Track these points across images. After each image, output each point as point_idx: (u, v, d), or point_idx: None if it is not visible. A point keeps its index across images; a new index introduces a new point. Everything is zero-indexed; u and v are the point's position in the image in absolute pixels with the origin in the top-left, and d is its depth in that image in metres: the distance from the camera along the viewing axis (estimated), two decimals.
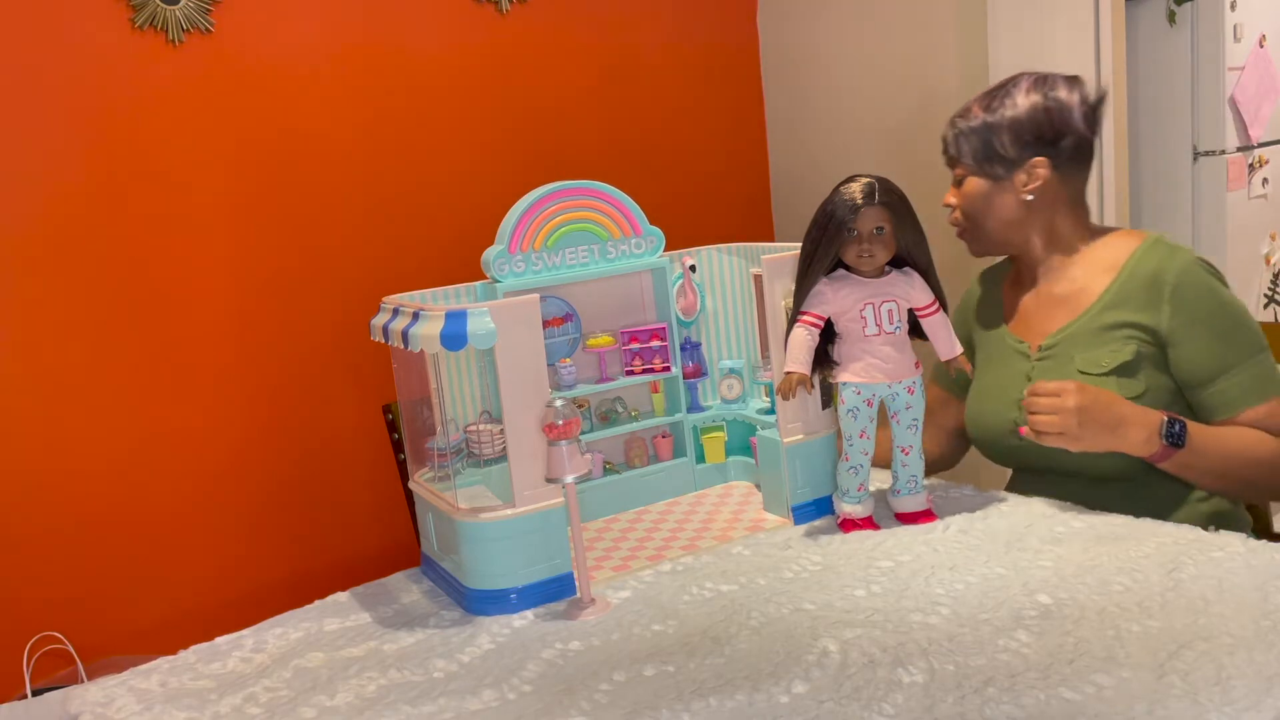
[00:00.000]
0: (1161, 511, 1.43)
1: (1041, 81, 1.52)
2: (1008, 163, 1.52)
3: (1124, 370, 1.45)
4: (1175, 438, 1.37)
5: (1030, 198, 1.53)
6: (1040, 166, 1.51)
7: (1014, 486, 1.62)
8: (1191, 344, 1.44)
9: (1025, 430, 1.40)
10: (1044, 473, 1.53)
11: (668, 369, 1.62)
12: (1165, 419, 1.38)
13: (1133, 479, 1.46)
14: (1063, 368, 1.51)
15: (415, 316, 1.29)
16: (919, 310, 1.38)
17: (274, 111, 2.14)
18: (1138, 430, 1.37)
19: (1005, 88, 1.53)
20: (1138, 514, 1.34)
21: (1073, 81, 1.52)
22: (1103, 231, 1.58)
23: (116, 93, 1.98)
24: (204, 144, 2.07)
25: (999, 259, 1.72)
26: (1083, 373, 1.47)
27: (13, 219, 1.89)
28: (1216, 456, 1.41)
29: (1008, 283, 1.68)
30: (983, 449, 1.65)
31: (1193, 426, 1.40)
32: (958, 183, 1.61)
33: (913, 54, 2.54)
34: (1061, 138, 1.50)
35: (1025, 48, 2.46)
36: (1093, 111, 1.52)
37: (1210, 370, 1.44)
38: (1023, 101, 1.50)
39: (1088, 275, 1.54)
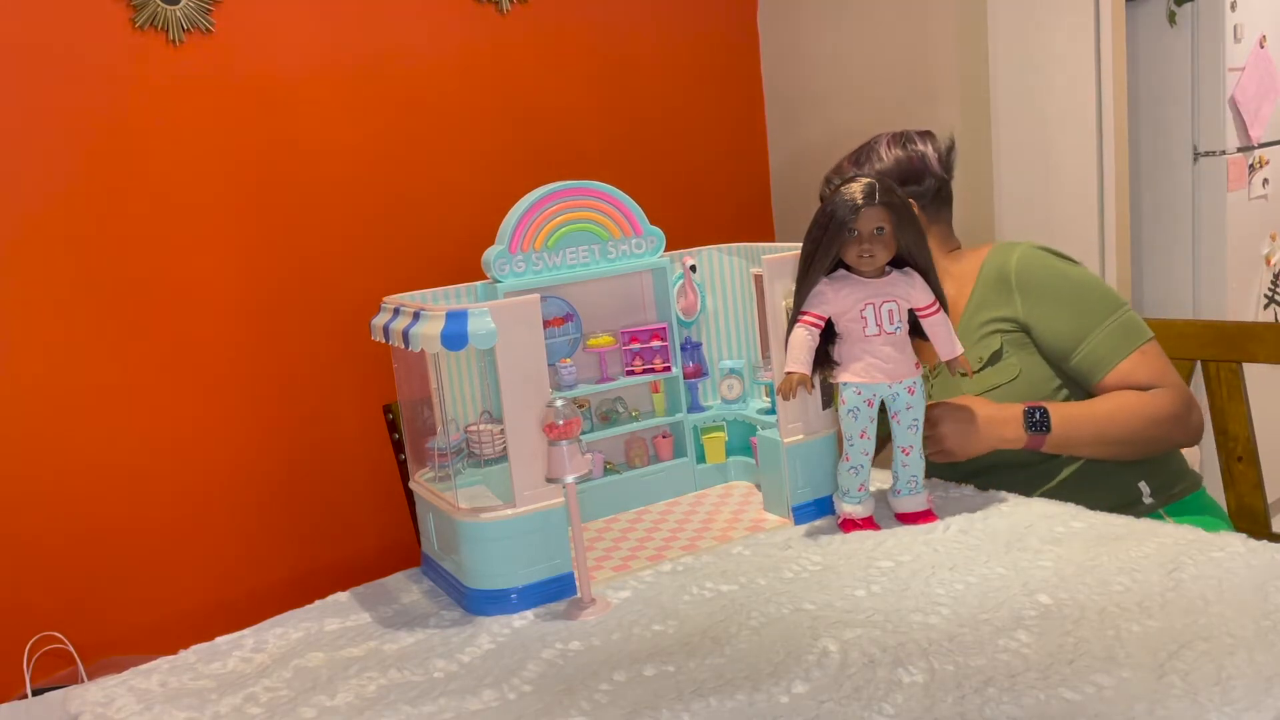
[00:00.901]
0: (1095, 484, 1.58)
1: (899, 137, 1.72)
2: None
3: (994, 359, 1.63)
4: (1037, 425, 1.53)
5: None
6: None
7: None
8: (1046, 320, 1.60)
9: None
10: (980, 474, 1.60)
11: (668, 369, 1.62)
12: (1024, 410, 1.54)
13: (1028, 462, 1.61)
14: (949, 379, 1.66)
15: (416, 316, 1.29)
16: (919, 310, 1.38)
17: (274, 112, 2.14)
18: (1005, 427, 1.53)
19: (869, 146, 1.73)
20: (1080, 490, 1.47)
21: (925, 135, 1.73)
22: (971, 252, 1.74)
23: (116, 93, 1.98)
24: (204, 144, 2.07)
25: None
26: (963, 374, 1.52)
27: (12, 219, 1.89)
28: (1089, 428, 1.55)
29: None
30: None
31: (1057, 408, 1.54)
32: None
33: (913, 54, 2.54)
34: (923, 180, 1.70)
35: (1025, 48, 2.46)
36: (945, 157, 1.73)
37: (1072, 338, 1.59)
38: (887, 155, 1.71)
39: (956, 292, 1.70)
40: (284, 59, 2.15)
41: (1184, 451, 1.71)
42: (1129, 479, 1.63)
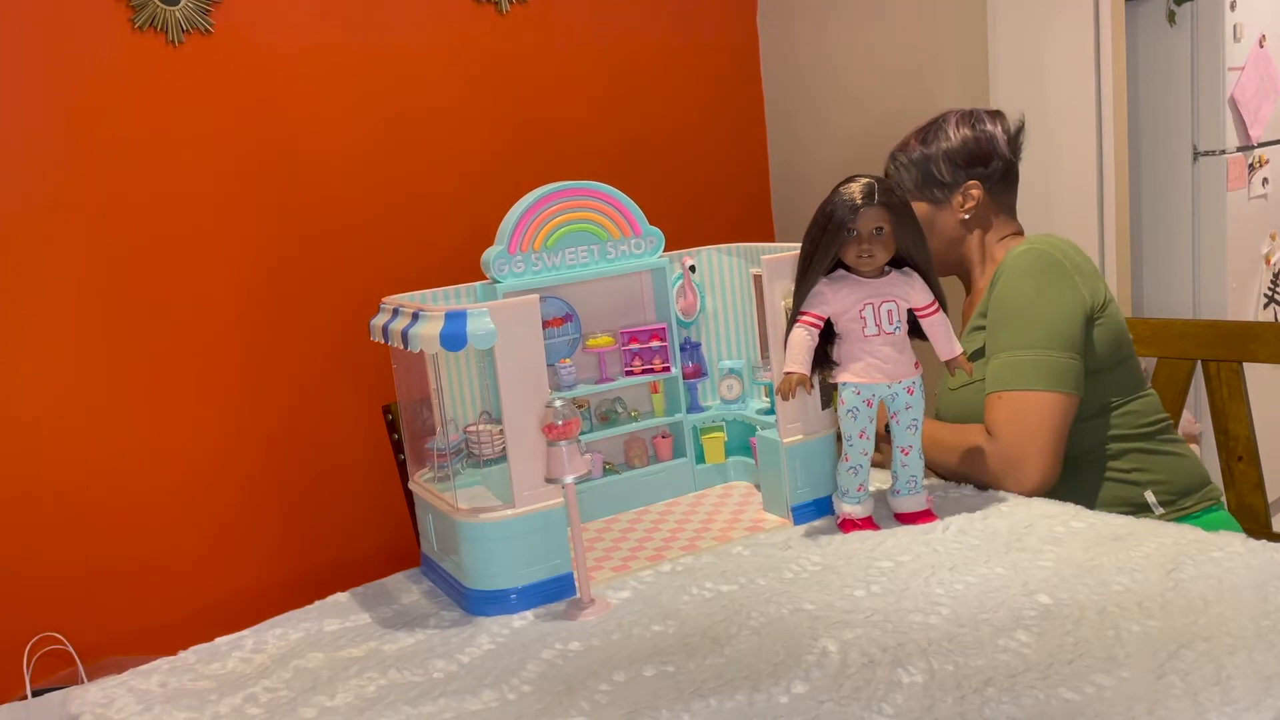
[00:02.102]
0: (1099, 488, 1.57)
1: (969, 116, 1.69)
2: (945, 187, 1.69)
3: (974, 357, 1.62)
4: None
5: (967, 216, 1.69)
6: (974, 188, 1.68)
7: None
8: (991, 324, 1.59)
9: None
10: None
11: (667, 369, 1.62)
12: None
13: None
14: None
15: (415, 317, 1.29)
16: (919, 311, 1.38)
17: (274, 112, 2.14)
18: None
19: (937, 124, 1.70)
20: (1079, 495, 1.45)
21: (995, 115, 1.70)
22: (1016, 240, 1.70)
23: (116, 93, 1.98)
24: (204, 145, 2.07)
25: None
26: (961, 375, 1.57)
27: (11, 219, 1.89)
28: (928, 449, 1.53)
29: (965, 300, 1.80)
30: None
31: (928, 425, 1.54)
32: None
33: (913, 54, 2.54)
34: (990, 162, 1.67)
35: (1025, 48, 2.46)
36: (1014, 139, 1.70)
37: (991, 347, 1.58)
38: (954, 134, 1.68)
39: (988, 280, 1.67)
40: (283, 60, 2.15)
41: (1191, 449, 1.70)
42: (1135, 485, 1.59)
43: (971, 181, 1.67)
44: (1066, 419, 1.50)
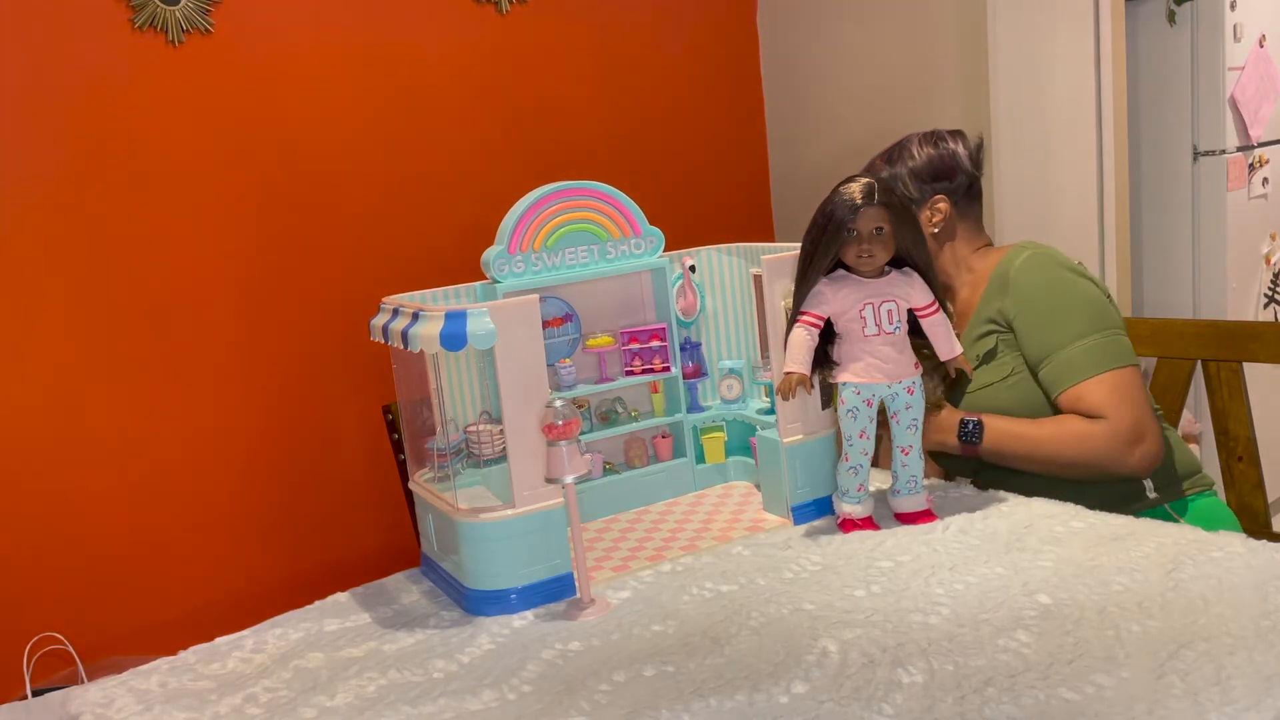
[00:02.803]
0: (1115, 501, 1.53)
1: (930, 135, 1.75)
2: (913, 203, 1.72)
3: (987, 358, 1.65)
4: (969, 436, 1.59)
5: (936, 230, 1.73)
6: (941, 203, 1.72)
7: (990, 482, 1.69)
8: (1026, 327, 1.61)
9: None
10: (997, 469, 1.64)
11: (667, 369, 1.62)
12: (961, 420, 1.60)
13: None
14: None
15: (415, 317, 1.29)
16: (919, 310, 1.38)
17: (274, 112, 2.14)
18: (945, 433, 1.62)
19: (902, 144, 1.75)
20: (1092, 500, 1.44)
21: (956, 134, 1.75)
22: (996, 250, 1.74)
23: (116, 93, 1.98)
24: (204, 145, 2.07)
25: None
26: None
27: (11, 219, 1.89)
28: (1019, 446, 1.58)
29: None
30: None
31: (994, 422, 1.58)
32: None
33: (913, 54, 2.54)
34: (955, 177, 1.72)
35: (1025, 48, 2.46)
36: (975, 155, 1.74)
37: (1044, 348, 1.59)
38: (919, 153, 1.73)
39: (973, 289, 1.72)
40: (283, 60, 2.15)
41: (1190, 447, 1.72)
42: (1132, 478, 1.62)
43: (938, 196, 1.72)
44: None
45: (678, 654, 1.10)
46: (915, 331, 1.40)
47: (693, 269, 1.66)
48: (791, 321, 1.38)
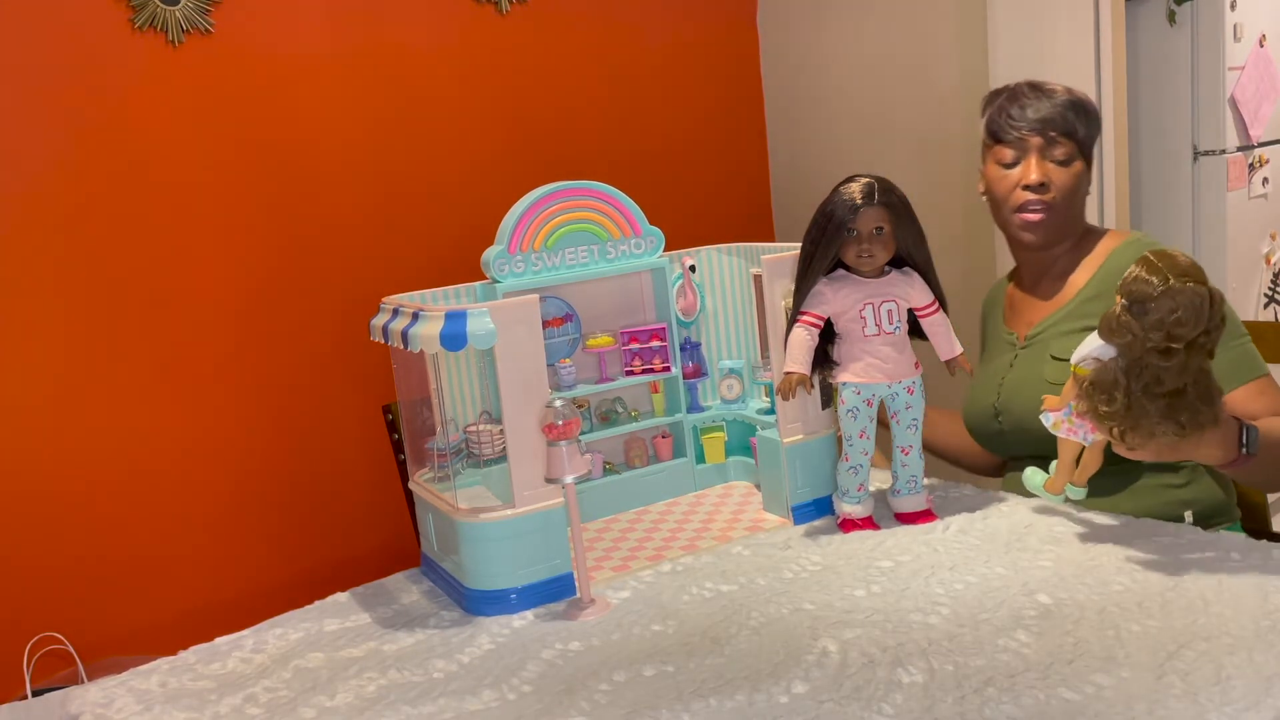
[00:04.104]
0: (1142, 495, 1.46)
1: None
2: (1083, 142, 1.55)
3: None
4: (1251, 445, 1.26)
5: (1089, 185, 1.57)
6: (1090, 154, 1.56)
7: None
8: None
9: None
10: (1028, 460, 1.50)
11: (667, 369, 1.62)
12: (1241, 428, 1.26)
13: (1118, 464, 1.39)
14: (1040, 355, 1.55)
15: (415, 317, 1.29)
16: (919, 310, 1.38)
17: (274, 112, 2.14)
18: (1212, 448, 1.24)
19: (1037, 82, 1.58)
20: (1119, 495, 1.38)
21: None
22: (1096, 231, 1.63)
23: (117, 93, 1.98)
24: (204, 144, 2.07)
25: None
26: (1055, 358, 1.50)
27: (12, 220, 1.89)
28: (1274, 451, 1.31)
29: (1012, 281, 1.73)
30: (970, 433, 1.69)
31: (1259, 423, 1.30)
32: (1060, 160, 1.55)
33: (913, 54, 2.54)
34: (1100, 124, 1.55)
35: (1025, 48, 2.46)
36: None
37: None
38: (1060, 89, 1.55)
39: (1074, 271, 1.59)
40: (283, 60, 2.15)
41: None
42: (1175, 502, 1.50)
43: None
44: None
45: (677, 654, 1.10)
46: (915, 331, 1.40)
47: (693, 269, 1.66)
48: (791, 321, 1.38)
